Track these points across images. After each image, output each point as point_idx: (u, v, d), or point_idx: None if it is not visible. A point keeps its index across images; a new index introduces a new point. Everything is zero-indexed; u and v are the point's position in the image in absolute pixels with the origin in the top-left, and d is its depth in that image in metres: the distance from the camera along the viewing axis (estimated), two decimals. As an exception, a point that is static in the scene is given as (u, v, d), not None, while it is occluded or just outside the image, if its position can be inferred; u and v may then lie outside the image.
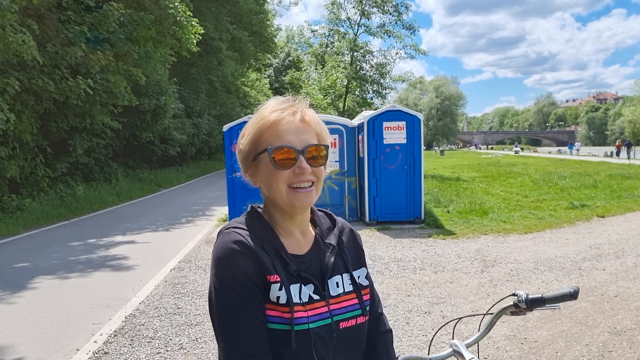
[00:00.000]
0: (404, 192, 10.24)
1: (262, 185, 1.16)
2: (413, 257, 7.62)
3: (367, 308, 1.21)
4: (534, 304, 1.42)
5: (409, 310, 5.23)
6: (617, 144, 43.16)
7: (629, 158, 36.81)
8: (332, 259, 1.18)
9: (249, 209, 1.22)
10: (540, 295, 1.42)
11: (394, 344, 1.34)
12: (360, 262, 1.27)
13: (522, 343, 4.31)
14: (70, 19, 12.84)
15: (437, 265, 7.08)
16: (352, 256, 1.25)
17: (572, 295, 1.38)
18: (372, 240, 8.79)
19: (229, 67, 32.58)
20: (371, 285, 1.27)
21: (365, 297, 1.22)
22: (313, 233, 1.22)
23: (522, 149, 79.58)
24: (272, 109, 1.13)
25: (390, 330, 1.33)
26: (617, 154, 40.03)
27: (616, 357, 4.00)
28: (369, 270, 1.29)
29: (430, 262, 7.26)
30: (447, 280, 6.34)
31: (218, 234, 1.16)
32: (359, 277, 1.22)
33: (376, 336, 1.28)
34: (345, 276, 1.20)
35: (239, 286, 1.06)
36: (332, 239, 1.22)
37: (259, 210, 1.21)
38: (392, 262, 7.32)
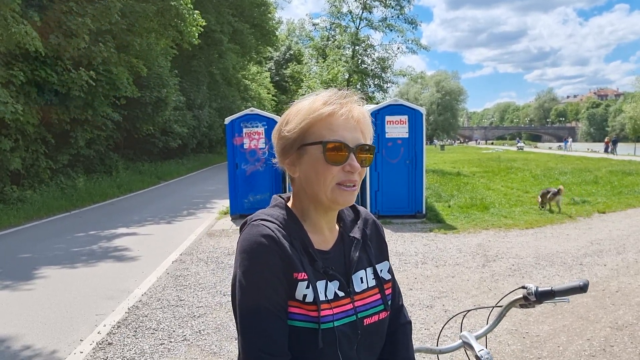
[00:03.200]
0: (405, 186, 10.22)
1: (302, 177, 1.11)
2: (414, 251, 7.64)
3: (389, 302, 1.21)
4: (543, 296, 1.43)
5: (411, 304, 5.26)
6: (605, 140, 44.26)
7: (614, 154, 38.01)
8: (357, 254, 1.17)
9: (274, 201, 1.19)
10: (550, 288, 1.42)
11: None
12: (383, 255, 1.26)
13: (524, 337, 4.33)
14: (73, 10, 12.80)
15: (438, 260, 7.10)
16: (375, 249, 1.23)
17: (582, 288, 1.38)
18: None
19: (230, 59, 32.57)
20: (393, 278, 1.26)
21: (388, 292, 1.21)
22: (337, 227, 1.20)
23: (524, 143, 79.48)
24: (325, 101, 1.09)
25: (410, 322, 1.32)
26: (606, 150, 41.34)
27: (617, 351, 4.03)
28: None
29: (432, 257, 7.28)
30: (449, 274, 6.36)
31: (243, 224, 1.13)
32: (381, 270, 1.22)
33: (396, 328, 1.27)
34: (369, 270, 1.19)
35: (263, 282, 1.03)
36: (356, 232, 1.20)
37: (285, 201, 1.19)
38: (393, 256, 7.34)
